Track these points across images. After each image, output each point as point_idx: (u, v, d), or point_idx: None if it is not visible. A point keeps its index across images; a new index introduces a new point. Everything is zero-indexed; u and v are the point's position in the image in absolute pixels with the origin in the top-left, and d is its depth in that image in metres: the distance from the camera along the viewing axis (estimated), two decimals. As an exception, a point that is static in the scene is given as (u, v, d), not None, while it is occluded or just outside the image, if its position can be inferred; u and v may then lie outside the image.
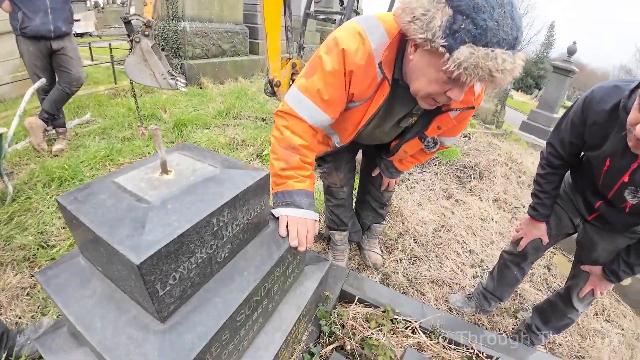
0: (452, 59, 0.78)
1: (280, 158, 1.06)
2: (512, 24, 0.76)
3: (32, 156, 2.77)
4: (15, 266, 1.74)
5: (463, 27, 0.75)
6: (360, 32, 0.99)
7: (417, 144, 1.36)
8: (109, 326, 0.72)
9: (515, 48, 0.79)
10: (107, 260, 0.67)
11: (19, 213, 2.05)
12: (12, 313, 1.52)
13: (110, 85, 4.72)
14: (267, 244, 0.92)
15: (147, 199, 0.65)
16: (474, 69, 0.77)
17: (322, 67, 1.02)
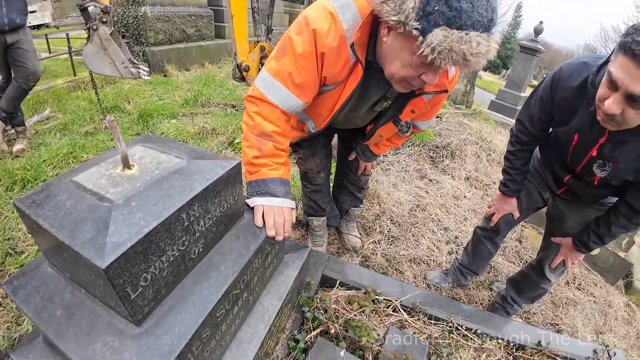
0: (425, 43, 0.75)
1: (252, 146, 1.02)
2: (486, 5, 0.74)
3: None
4: None
5: (437, 8, 0.73)
6: (332, 12, 0.95)
7: (392, 128, 1.35)
8: (83, 334, 0.68)
9: (490, 30, 0.77)
10: (73, 266, 0.63)
11: None
12: None
13: (70, 78, 4.41)
14: (243, 235, 0.89)
15: (109, 197, 0.60)
16: (448, 52, 0.75)
17: (292, 49, 0.98)
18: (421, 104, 1.22)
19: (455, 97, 6.71)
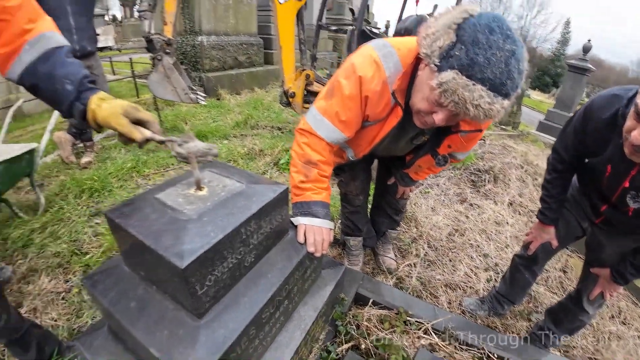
0: (437, 78, 0.85)
1: (300, 171, 1.17)
2: (504, 70, 0.80)
3: (61, 168, 2.94)
4: (50, 272, 1.85)
5: (457, 54, 0.82)
6: (376, 60, 1.08)
7: (430, 159, 1.44)
8: (152, 323, 0.82)
9: (500, 93, 0.82)
10: (152, 266, 0.78)
11: (52, 223, 2.18)
12: (48, 316, 1.62)
13: (133, 99, 4.97)
14: (287, 250, 1.02)
15: (186, 212, 0.76)
16: (452, 94, 0.83)
17: (340, 91, 1.12)
18: (457, 140, 1.30)
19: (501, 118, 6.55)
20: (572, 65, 6.93)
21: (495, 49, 0.80)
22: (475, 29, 0.82)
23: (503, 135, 4.89)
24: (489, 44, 0.80)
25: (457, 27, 0.84)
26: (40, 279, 1.81)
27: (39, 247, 2.00)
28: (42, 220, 2.17)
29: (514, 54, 0.82)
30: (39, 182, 2.66)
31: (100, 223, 2.25)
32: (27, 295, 1.71)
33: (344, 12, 10.63)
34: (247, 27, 6.29)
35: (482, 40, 0.80)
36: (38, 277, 1.82)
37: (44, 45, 0.85)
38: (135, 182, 2.73)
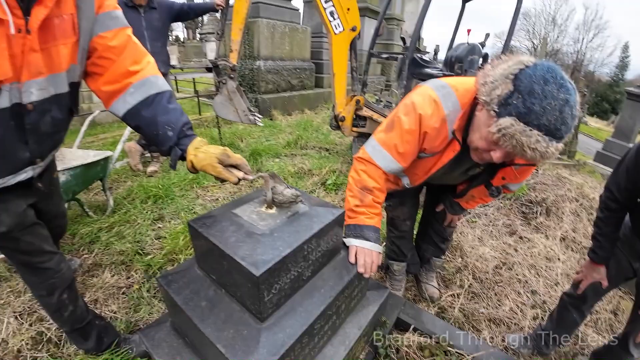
0: (496, 124, 0.94)
1: (355, 196, 1.27)
2: (558, 117, 0.88)
3: (129, 175, 3.29)
4: (113, 268, 2.05)
5: (515, 102, 0.90)
6: (436, 100, 1.19)
7: (483, 190, 1.49)
8: (220, 322, 0.95)
9: (554, 137, 0.90)
10: (226, 272, 0.91)
11: (119, 223, 2.43)
12: (108, 309, 1.79)
13: (195, 116, 5.43)
14: (339, 268, 1.11)
15: (260, 227, 0.89)
16: (510, 138, 0.91)
17: (400, 126, 1.23)
18: (510, 173, 1.35)
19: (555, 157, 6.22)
20: (630, 93, 6.46)
21: (550, 98, 0.87)
22: (531, 79, 0.90)
23: (558, 165, 4.65)
24: (544, 94, 0.87)
25: (514, 78, 0.92)
26: (103, 273, 2.00)
27: (105, 244, 2.22)
28: (110, 221, 2.43)
29: (567, 102, 0.88)
30: (108, 185, 3.01)
31: (162, 227, 2.48)
32: (91, 287, 1.90)
33: (394, 37, 10.86)
34: (301, 53, 6.66)
35: (538, 90, 0.88)
36: (102, 271, 2.02)
37: (148, 90, 0.96)
38: (195, 192, 2.99)
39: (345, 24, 3.30)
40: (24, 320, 1.68)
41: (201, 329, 0.95)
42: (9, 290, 1.85)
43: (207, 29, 19.00)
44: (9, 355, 1.52)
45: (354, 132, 3.80)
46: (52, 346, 1.57)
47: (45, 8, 0.80)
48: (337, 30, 3.32)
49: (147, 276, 2.03)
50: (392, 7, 11.05)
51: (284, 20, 6.15)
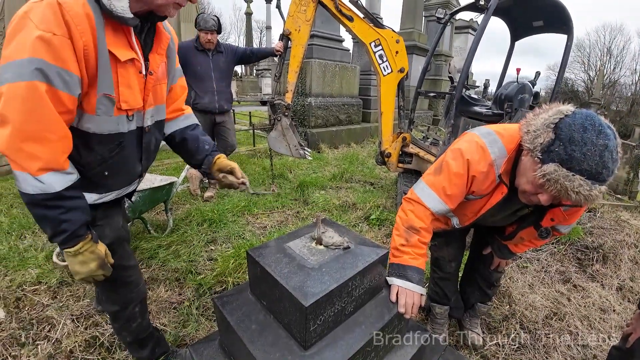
0: (540, 169, 1.01)
1: (401, 235, 1.34)
2: (598, 161, 0.94)
3: (188, 199, 3.61)
4: (167, 284, 2.23)
5: (557, 150, 0.98)
6: (483, 146, 1.27)
7: (532, 231, 1.49)
8: (268, 345, 1.04)
9: (597, 180, 0.95)
10: (277, 299, 1.01)
11: (176, 243, 2.66)
12: (159, 321, 1.93)
13: (250, 147, 5.82)
14: (380, 306, 1.16)
15: (310, 262, 0.99)
16: (554, 183, 0.98)
17: (448, 170, 1.31)
18: (559, 214, 1.36)
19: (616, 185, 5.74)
20: None
21: (590, 144, 0.95)
22: (570, 128, 0.98)
23: (618, 206, 4.27)
24: (584, 141, 0.95)
25: (555, 127, 1.01)
26: (158, 288, 2.19)
27: (162, 261, 2.44)
28: (168, 240, 2.67)
29: (607, 147, 0.95)
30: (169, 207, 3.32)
31: (215, 250, 2.67)
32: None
33: (442, 73, 10.92)
34: (350, 90, 6.94)
35: (578, 138, 0.96)
36: (157, 286, 2.21)
37: (192, 120, 1.42)
38: (246, 219, 3.19)
39: (393, 66, 3.47)
40: (79, 324, 1.86)
41: (250, 350, 1.04)
42: (69, 294, 2.10)
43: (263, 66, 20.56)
44: (61, 355, 1.68)
45: (399, 167, 3.86)
46: (103, 350, 1.72)
47: (160, 56, 1.11)
48: (385, 72, 3.49)
49: (197, 294, 2.19)
50: (440, 43, 11.18)
51: (334, 60, 6.52)
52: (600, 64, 32.65)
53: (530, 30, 3.71)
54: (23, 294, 2.09)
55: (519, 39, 3.92)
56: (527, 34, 3.82)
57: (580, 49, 33.93)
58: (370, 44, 3.37)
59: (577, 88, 33.21)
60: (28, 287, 2.14)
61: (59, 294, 2.11)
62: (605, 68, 32.26)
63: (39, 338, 1.80)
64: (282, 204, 3.53)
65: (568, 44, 3.29)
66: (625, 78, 32.66)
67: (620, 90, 33.05)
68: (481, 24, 3.27)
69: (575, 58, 34.07)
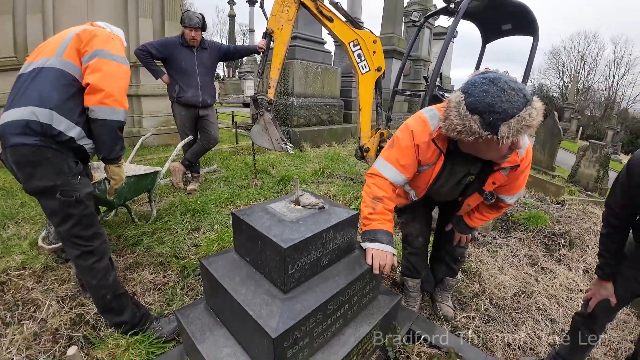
0: (500, 137, 1.16)
1: (368, 205, 1.49)
2: (515, 94, 1.12)
3: (171, 191, 3.68)
4: (152, 268, 2.30)
5: (491, 118, 1.14)
6: (424, 120, 1.46)
7: (478, 197, 1.67)
8: (250, 293, 1.15)
9: (528, 103, 1.13)
10: (259, 251, 1.13)
11: (160, 231, 2.73)
12: (144, 301, 1.98)
13: (232, 144, 5.90)
14: (352, 263, 1.30)
15: (288, 217, 1.12)
16: (517, 133, 1.14)
17: (398, 143, 1.50)
18: (500, 177, 1.54)
19: (587, 183, 6.10)
20: None
21: (500, 92, 1.12)
22: (478, 101, 1.15)
23: (588, 202, 4.57)
24: (497, 95, 1.13)
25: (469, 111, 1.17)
26: (143, 271, 2.25)
27: (146, 247, 2.50)
28: (152, 228, 2.74)
29: (506, 83, 1.14)
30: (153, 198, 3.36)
31: (198, 237, 2.75)
32: (131, 281, 2.15)
33: (420, 77, 11.31)
34: (331, 91, 7.13)
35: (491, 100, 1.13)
36: (142, 269, 2.27)
37: None
38: (229, 210, 3.28)
39: (371, 65, 3.65)
40: (65, 305, 1.91)
41: (235, 297, 1.14)
42: (53, 278, 2.14)
43: (246, 68, 20.59)
44: (47, 333, 1.73)
45: (377, 162, 4.03)
46: (89, 327, 1.77)
47: None
48: (363, 70, 3.66)
49: (182, 276, 2.26)
50: (420, 49, 11.60)
51: (317, 61, 6.69)
52: (575, 70, 34.11)
53: (499, 33, 3.96)
54: (8, 278, 2.12)
55: (490, 41, 4.18)
56: (497, 37, 4.07)
57: (556, 56, 35.38)
58: (349, 43, 3.54)
59: (552, 94, 34.40)
60: (13, 272, 2.17)
61: (44, 278, 2.15)
62: (580, 74, 33.64)
63: (25, 318, 1.83)
64: (265, 196, 3.63)
65: (534, 44, 3.54)
66: (599, 84, 34.13)
67: (593, 95, 34.40)
68: (451, 26, 3.50)
69: (551, 65, 35.46)
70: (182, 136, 3.71)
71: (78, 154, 1.48)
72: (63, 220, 1.44)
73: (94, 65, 1.39)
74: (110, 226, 2.80)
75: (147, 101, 5.75)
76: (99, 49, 1.41)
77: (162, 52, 3.49)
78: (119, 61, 1.46)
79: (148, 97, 5.72)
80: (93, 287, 1.57)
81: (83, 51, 1.43)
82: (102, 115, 1.41)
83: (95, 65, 1.39)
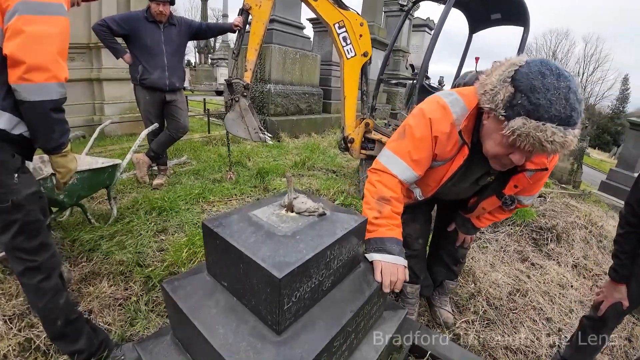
0: (508, 126, 0.94)
1: (373, 208, 1.21)
2: (565, 104, 0.88)
3: (135, 187, 3.24)
4: (112, 278, 1.96)
5: (520, 102, 0.91)
6: (444, 105, 1.19)
7: (495, 201, 1.44)
8: (231, 333, 0.87)
9: (569, 124, 0.90)
10: (242, 276, 0.85)
11: (121, 233, 2.36)
12: (103, 320, 1.70)
13: (204, 134, 5.47)
14: (359, 281, 1.04)
15: (281, 229, 0.83)
16: (526, 137, 0.91)
17: (412, 133, 1.22)
18: (523, 180, 1.31)
19: (561, 176, 6.21)
20: (633, 123, 6.55)
21: (553, 89, 0.88)
22: (529, 77, 0.92)
23: (564, 194, 4.60)
24: (546, 87, 0.89)
25: (512, 79, 0.94)
26: (101, 283, 1.92)
27: (105, 253, 2.14)
28: (112, 230, 2.36)
29: (570, 89, 0.90)
30: (113, 195, 2.96)
31: (165, 240, 2.41)
32: (86, 295, 1.82)
33: (399, 68, 11.16)
34: (310, 79, 6.79)
35: (539, 85, 0.89)
36: (99, 281, 1.94)
37: None
38: (201, 207, 2.93)
39: (357, 49, 3.38)
40: (13, 325, 1.59)
41: (209, 340, 0.86)
42: (0, 292, 1.77)
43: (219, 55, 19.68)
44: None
45: (362, 154, 3.79)
46: (40, 354, 1.49)
47: None
48: (349, 55, 3.38)
49: (146, 288, 1.95)
50: (399, 40, 11.40)
51: (295, 47, 6.32)
52: (543, 65, 35.74)
53: (488, 22, 3.78)
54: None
55: (477, 31, 4.00)
56: (485, 27, 3.89)
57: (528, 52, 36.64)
58: (334, 25, 3.24)
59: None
60: (-47, 288, 1.77)
61: (-12, 292, 1.77)
62: (549, 67, 35.36)
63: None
64: (241, 191, 3.30)
65: (524, 36, 3.40)
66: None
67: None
68: (442, 13, 3.27)
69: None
70: (146, 124, 3.26)
71: (18, 145, 1.12)
72: (2, 229, 1.11)
73: (12, 26, 0.99)
74: (65, 228, 2.39)
75: (109, 86, 5.19)
76: (20, 1, 1.01)
77: (124, 27, 3.03)
78: (49, 12, 1.04)
79: (111, 81, 5.16)
80: (40, 310, 1.26)
81: (4, 6, 1.04)
82: (26, 96, 1.03)
83: (14, 27, 0.99)
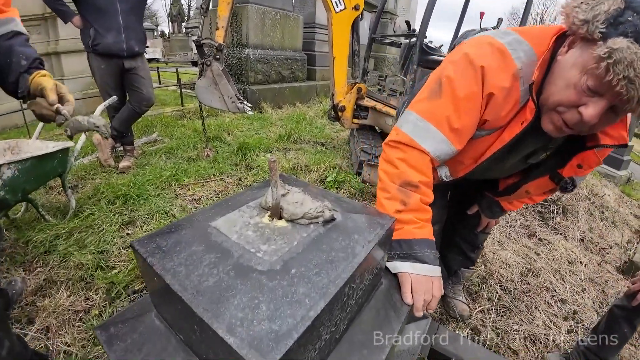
0: (605, 45, 0.64)
1: (394, 197, 0.86)
2: None
3: (98, 171, 2.79)
4: (70, 286, 1.64)
5: (630, 20, 0.64)
6: (501, 48, 0.82)
7: (547, 183, 1.09)
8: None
9: None
10: (202, 342, 0.50)
11: (80, 229, 1.97)
12: (61, 339, 1.39)
13: (177, 107, 4.94)
14: (382, 308, 0.70)
15: (261, 256, 0.47)
16: (626, 67, 0.62)
17: (452, 90, 0.84)
18: (592, 158, 0.96)
19: None
20: None
21: None
22: None
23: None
24: None
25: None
26: (58, 292, 1.60)
27: (62, 255, 1.79)
28: (70, 226, 1.97)
29: None
30: (73, 183, 2.52)
31: (132, 234, 2.04)
32: (42, 310, 1.51)
33: (387, 31, 10.53)
34: (293, 43, 6.22)
35: None
36: (56, 290, 1.61)
37: (12, 27, 1.01)
38: (174, 191, 2.54)
39: (347, 2, 2.92)
40: None
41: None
42: None
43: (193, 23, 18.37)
44: None
45: (354, 124, 3.41)
46: None
47: None
48: (337, 8, 2.93)
49: (109, 297, 1.61)
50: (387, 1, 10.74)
51: (274, 7, 5.70)
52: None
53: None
54: None
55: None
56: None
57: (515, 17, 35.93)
58: (320, -29, 2.76)
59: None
60: None
61: None
62: (537, 36, 35.32)
63: None
64: (220, 170, 2.89)
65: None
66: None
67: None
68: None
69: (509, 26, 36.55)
70: (104, 97, 2.74)
71: None
72: None
73: None
74: (19, 227, 1.99)
75: (69, 59, 4.61)
76: None
77: None
78: None
79: (70, 53, 4.57)
80: None
81: None
82: None
83: None
